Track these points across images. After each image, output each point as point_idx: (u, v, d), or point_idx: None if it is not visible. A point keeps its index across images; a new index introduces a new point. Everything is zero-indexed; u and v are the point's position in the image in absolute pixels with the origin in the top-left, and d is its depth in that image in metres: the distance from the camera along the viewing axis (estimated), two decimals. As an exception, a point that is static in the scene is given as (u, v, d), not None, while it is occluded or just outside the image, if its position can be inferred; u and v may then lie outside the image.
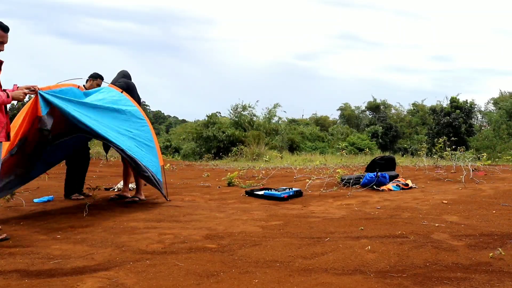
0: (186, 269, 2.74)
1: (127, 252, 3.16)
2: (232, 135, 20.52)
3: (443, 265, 2.75)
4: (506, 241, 3.24)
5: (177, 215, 4.58)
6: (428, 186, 6.39)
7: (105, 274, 2.65)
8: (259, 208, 5.02)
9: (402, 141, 30.40)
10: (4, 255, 3.12)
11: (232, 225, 4.01)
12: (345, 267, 2.74)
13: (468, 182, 6.42)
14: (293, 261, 2.87)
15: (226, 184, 7.43)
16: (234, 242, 3.39)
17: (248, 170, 9.95)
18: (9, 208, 5.10)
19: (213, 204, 5.38)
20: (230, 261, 2.91)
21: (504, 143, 21.80)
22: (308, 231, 3.70)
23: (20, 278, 2.62)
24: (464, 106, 27.18)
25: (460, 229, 3.63)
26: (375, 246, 3.14)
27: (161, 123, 69.08)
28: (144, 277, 2.60)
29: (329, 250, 3.09)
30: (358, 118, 36.42)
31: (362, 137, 25.21)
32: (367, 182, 6.28)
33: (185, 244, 3.35)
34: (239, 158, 15.70)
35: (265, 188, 6.28)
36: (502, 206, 4.54)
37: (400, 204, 4.97)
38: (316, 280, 2.52)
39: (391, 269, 2.69)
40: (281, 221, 4.18)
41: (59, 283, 2.51)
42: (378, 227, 3.80)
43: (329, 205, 5.14)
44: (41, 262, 2.92)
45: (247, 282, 2.50)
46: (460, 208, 4.55)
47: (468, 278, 2.50)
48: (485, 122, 32.68)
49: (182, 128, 33.84)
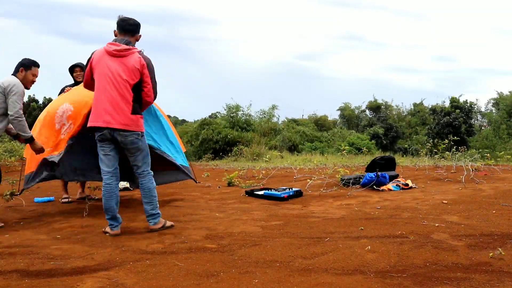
0: (186, 269, 2.74)
1: (127, 252, 3.16)
2: (228, 136, 20.38)
3: (443, 265, 2.75)
4: (506, 241, 3.24)
5: (177, 215, 4.58)
6: (428, 186, 6.39)
7: (105, 274, 2.65)
8: (259, 208, 5.03)
9: (402, 141, 30.39)
10: (4, 255, 3.12)
11: (232, 225, 4.01)
12: (345, 267, 2.74)
13: (468, 182, 6.42)
14: (293, 261, 2.87)
15: (226, 184, 7.44)
16: (234, 242, 3.40)
17: (248, 170, 9.96)
18: (9, 208, 5.10)
19: (213, 204, 5.38)
20: (230, 261, 2.91)
21: (504, 143, 21.81)
22: (308, 231, 3.70)
23: (20, 278, 2.62)
24: (464, 106, 27.19)
25: (460, 229, 3.63)
26: (375, 246, 3.14)
27: (161, 123, 68.98)
28: (144, 277, 2.60)
29: (329, 250, 3.09)
30: (358, 118, 36.40)
31: (362, 137, 25.21)
32: (367, 182, 6.28)
33: (185, 244, 3.35)
34: (239, 158, 15.70)
35: (265, 188, 6.28)
36: (502, 206, 4.54)
37: (400, 204, 4.97)
38: (316, 280, 2.52)
39: (391, 269, 2.69)
40: (281, 221, 4.18)
41: (59, 283, 2.51)
42: (378, 227, 3.80)
43: (329, 205, 5.14)
44: (41, 262, 2.92)
45: (247, 282, 2.50)
46: (460, 208, 4.55)
47: (468, 278, 2.50)
48: (485, 122, 32.70)
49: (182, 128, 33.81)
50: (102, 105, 3.57)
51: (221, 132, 20.74)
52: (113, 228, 3.71)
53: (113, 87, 3.56)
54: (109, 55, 3.62)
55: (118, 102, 3.56)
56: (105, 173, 3.67)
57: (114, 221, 3.71)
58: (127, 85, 3.58)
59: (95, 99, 3.64)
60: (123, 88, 3.58)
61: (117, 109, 3.56)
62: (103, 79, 3.59)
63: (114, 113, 3.55)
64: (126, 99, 3.58)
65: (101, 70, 3.61)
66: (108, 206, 3.66)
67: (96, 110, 3.60)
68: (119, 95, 3.56)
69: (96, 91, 3.64)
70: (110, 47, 3.63)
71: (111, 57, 3.61)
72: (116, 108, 3.55)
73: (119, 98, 3.56)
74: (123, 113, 3.57)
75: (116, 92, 3.56)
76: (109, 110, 3.54)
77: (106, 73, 3.58)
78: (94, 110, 3.63)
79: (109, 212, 3.67)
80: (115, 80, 3.56)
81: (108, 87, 3.56)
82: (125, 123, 3.58)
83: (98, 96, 3.60)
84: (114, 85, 3.56)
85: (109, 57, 3.61)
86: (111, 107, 3.55)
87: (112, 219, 3.69)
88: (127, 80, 3.58)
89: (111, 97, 3.56)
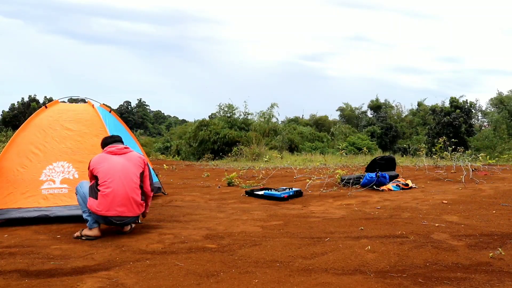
0: (186, 269, 2.74)
1: (127, 252, 3.16)
2: (227, 137, 20.30)
3: (443, 265, 2.75)
4: (506, 241, 3.24)
5: (177, 215, 4.58)
6: (428, 186, 6.39)
7: (105, 274, 2.65)
8: (259, 208, 5.02)
9: (402, 141, 30.38)
10: (4, 255, 3.12)
11: (232, 225, 4.01)
12: (345, 267, 2.74)
13: (468, 182, 6.42)
14: (293, 261, 2.87)
15: (226, 184, 7.44)
16: (234, 242, 3.39)
17: (248, 170, 9.96)
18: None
19: (213, 204, 5.38)
20: (230, 261, 2.91)
21: (504, 143, 21.80)
22: (308, 231, 3.70)
23: (20, 278, 2.62)
24: (464, 106, 27.18)
25: (460, 229, 3.63)
26: (375, 246, 3.14)
27: (161, 123, 69.22)
28: (144, 277, 2.60)
29: (329, 250, 3.09)
30: (358, 118, 36.42)
31: (362, 137, 25.20)
32: (367, 182, 6.28)
33: (185, 244, 3.35)
34: (239, 158, 15.69)
35: (265, 188, 6.28)
36: (502, 206, 4.54)
37: (400, 204, 4.97)
38: (316, 280, 2.52)
39: (391, 269, 2.69)
40: (281, 221, 4.18)
41: (59, 283, 2.51)
42: (378, 227, 3.80)
43: (329, 205, 5.14)
44: (41, 262, 2.92)
45: (247, 282, 2.50)
46: (460, 208, 4.55)
47: (468, 278, 2.50)
48: (485, 122, 32.69)
49: (182, 128, 33.82)
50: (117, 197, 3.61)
51: (219, 132, 20.65)
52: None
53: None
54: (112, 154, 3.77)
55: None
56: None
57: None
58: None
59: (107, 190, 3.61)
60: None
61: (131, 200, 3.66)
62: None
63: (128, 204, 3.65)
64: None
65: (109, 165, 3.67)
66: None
67: (110, 201, 3.59)
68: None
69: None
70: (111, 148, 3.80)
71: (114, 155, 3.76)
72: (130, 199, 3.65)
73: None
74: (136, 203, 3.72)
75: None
76: (123, 202, 3.61)
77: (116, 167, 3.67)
78: (108, 200, 3.59)
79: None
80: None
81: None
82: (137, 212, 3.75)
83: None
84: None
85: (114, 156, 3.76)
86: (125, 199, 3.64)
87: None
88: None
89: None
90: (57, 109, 5.04)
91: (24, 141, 4.58)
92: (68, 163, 4.45)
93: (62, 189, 4.29)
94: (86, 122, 4.85)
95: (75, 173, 4.39)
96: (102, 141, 3.94)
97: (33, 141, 4.59)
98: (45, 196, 4.22)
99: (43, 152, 4.51)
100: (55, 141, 4.62)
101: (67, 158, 4.48)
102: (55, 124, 4.79)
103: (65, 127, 4.76)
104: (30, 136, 4.64)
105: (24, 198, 4.19)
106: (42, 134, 4.65)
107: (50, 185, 4.29)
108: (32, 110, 27.75)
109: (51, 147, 4.57)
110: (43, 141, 4.59)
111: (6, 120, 33.53)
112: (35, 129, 4.71)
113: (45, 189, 4.27)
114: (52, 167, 4.41)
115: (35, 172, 4.35)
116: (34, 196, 4.21)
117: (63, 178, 4.35)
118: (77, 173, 4.39)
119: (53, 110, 4.99)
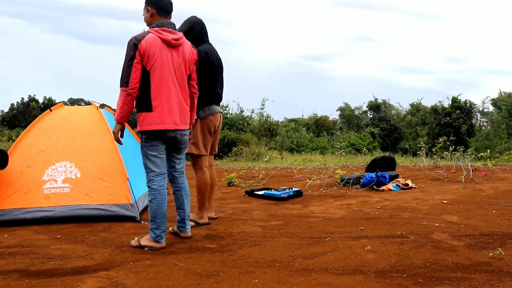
0: (186, 269, 2.74)
1: (127, 252, 3.16)
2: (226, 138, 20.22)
3: (443, 265, 2.75)
4: (506, 241, 3.24)
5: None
6: (428, 186, 6.39)
7: (105, 274, 2.65)
8: (259, 208, 5.03)
9: (403, 142, 30.34)
10: (4, 255, 3.12)
11: (232, 225, 4.01)
12: (345, 267, 2.74)
13: (468, 182, 6.42)
14: (293, 261, 2.87)
15: (226, 184, 7.44)
16: (234, 242, 3.39)
17: (248, 170, 9.96)
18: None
19: (213, 204, 5.37)
20: (230, 261, 2.91)
21: (504, 143, 21.81)
22: (308, 231, 3.70)
23: (20, 278, 2.62)
24: (464, 106, 27.16)
25: (460, 229, 3.63)
26: (375, 246, 3.14)
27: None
28: (144, 277, 2.60)
29: (329, 250, 3.09)
30: (358, 118, 36.38)
31: (363, 137, 25.19)
32: (367, 182, 6.29)
33: (185, 244, 3.35)
34: (239, 158, 15.69)
35: (265, 188, 6.28)
36: (502, 206, 4.54)
37: (400, 204, 4.97)
38: (316, 280, 2.52)
39: (391, 269, 2.69)
40: (281, 221, 4.18)
41: (59, 283, 2.51)
42: (378, 227, 3.80)
43: (329, 205, 5.14)
44: (41, 262, 2.92)
45: (247, 282, 2.50)
46: (460, 208, 4.55)
47: (468, 278, 2.50)
48: (485, 122, 32.68)
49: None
50: (169, 105, 3.19)
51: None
52: (161, 239, 3.26)
53: (177, 84, 3.24)
54: (167, 45, 3.16)
55: (182, 101, 3.28)
56: (158, 175, 3.26)
57: (163, 231, 3.27)
58: (186, 79, 3.32)
59: (158, 97, 3.15)
60: (185, 84, 3.31)
61: (183, 109, 3.28)
62: (166, 76, 3.16)
63: (181, 113, 3.26)
64: (187, 95, 3.34)
65: (162, 64, 3.13)
66: (160, 212, 3.24)
67: (163, 111, 3.17)
68: (183, 93, 3.28)
69: (159, 88, 3.16)
70: (167, 36, 3.15)
71: (168, 47, 3.17)
72: (181, 107, 3.27)
73: (182, 96, 3.27)
74: (187, 112, 3.33)
75: (180, 89, 3.26)
76: (176, 110, 3.22)
77: (169, 68, 3.17)
78: (161, 111, 3.16)
79: (161, 218, 3.24)
80: (179, 76, 3.25)
81: (172, 85, 3.20)
82: (187, 122, 3.36)
83: (163, 94, 3.17)
84: (178, 81, 3.24)
85: (167, 48, 3.16)
86: (177, 107, 3.23)
87: (161, 227, 3.25)
88: (186, 74, 3.31)
89: (177, 96, 3.23)
90: (62, 111, 5.11)
91: (28, 144, 4.63)
92: (71, 162, 4.45)
93: (63, 188, 4.29)
94: (91, 124, 4.87)
95: (78, 173, 4.39)
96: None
97: (37, 143, 4.62)
98: (46, 195, 4.22)
99: (46, 153, 4.52)
100: (59, 143, 4.64)
101: (70, 158, 4.49)
102: (60, 126, 4.82)
103: (69, 129, 4.78)
104: (34, 138, 4.68)
105: (27, 198, 4.19)
106: (46, 136, 4.69)
107: (52, 185, 4.29)
108: (31, 110, 27.68)
109: (55, 148, 4.58)
110: (47, 143, 4.62)
111: (6, 120, 33.57)
112: (40, 131, 4.77)
113: (47, 188, 4.26)
114: (55, 167, 4.41)
115: (37, 172, 4.36)
116: (36, 196, 4.21)
117: (65, 177, 4.35)
118: (79, 173, 4.39)
119: (58, 112, 5.07)
